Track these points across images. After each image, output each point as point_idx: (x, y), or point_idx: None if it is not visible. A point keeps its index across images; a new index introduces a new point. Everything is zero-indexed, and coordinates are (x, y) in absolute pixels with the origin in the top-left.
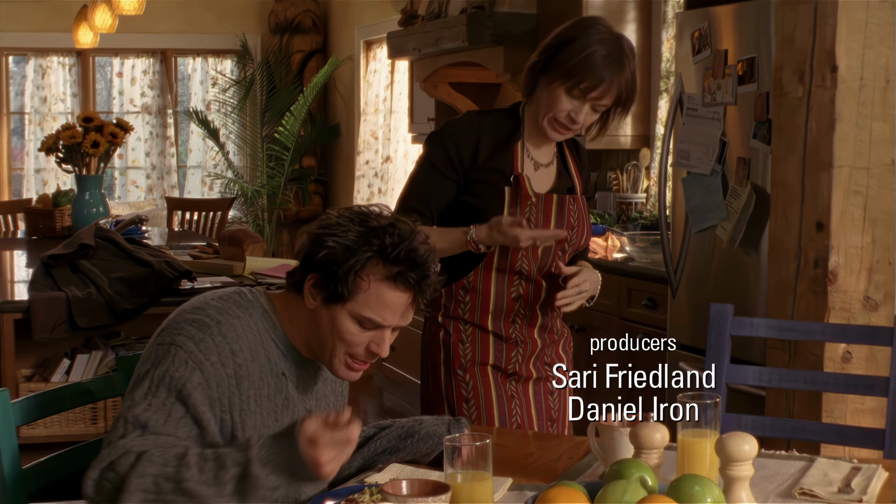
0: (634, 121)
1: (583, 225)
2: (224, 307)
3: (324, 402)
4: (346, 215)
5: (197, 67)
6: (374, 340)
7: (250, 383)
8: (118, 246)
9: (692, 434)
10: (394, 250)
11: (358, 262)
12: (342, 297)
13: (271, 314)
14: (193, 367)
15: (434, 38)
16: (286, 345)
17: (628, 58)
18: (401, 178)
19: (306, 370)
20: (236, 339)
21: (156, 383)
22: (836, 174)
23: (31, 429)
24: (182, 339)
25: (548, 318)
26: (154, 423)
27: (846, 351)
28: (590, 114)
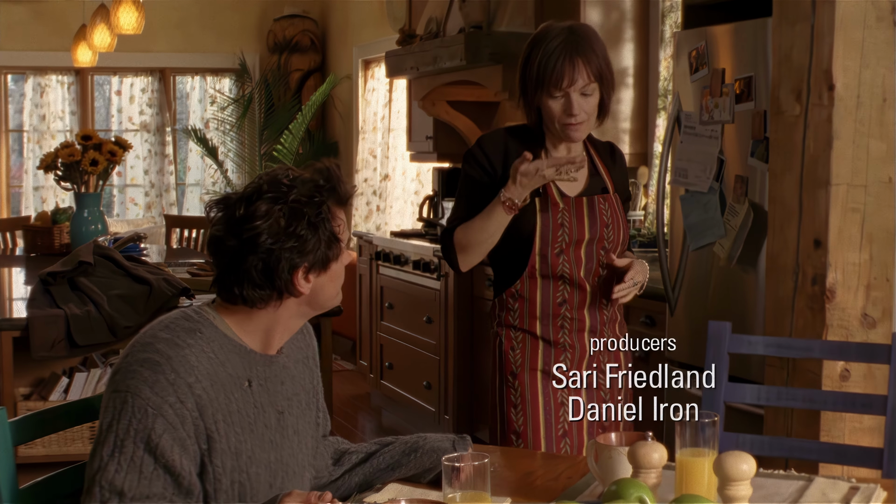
0: (632, 139)
1: (618, 222)
2: (173, 339)
3: (298, 382)
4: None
5: (195, 86)
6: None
7: (215, 408)
8: (117, 263)
9: (690, 453)
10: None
11: (328, 220)
12: (339, 250)
13: (221, 327)
14: (154, 415)
15: (432, 57)
16: (244, 351)
17: (584, 37)
18: (399, 195)
19: (271, 366)
20: (191, 370)
21: (121, 438)
22: (833, 192)
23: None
24: (136, 385)
25: (596, 321)
26: (129, 487)
27: (844, 369)
28: (582, 100)
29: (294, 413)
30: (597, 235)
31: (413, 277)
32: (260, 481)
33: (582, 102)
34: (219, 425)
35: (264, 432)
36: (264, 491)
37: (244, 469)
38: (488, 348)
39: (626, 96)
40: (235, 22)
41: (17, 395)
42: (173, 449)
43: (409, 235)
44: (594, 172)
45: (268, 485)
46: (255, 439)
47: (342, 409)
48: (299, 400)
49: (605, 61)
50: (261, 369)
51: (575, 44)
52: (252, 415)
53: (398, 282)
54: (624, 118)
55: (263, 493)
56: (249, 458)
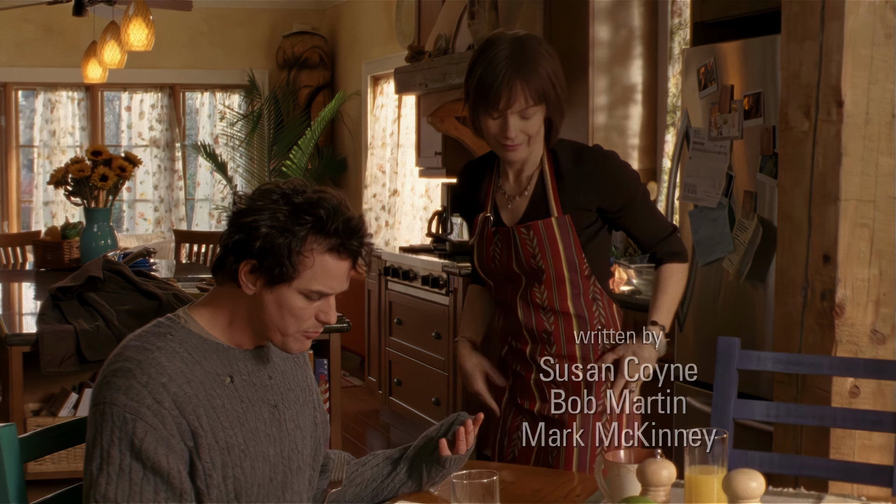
0: (641, 154)
1: (545, 250)
2: (142, 345)
3: (290, 378)
4: (266, 197)
5: (205, 102)
6: (321, 310)
7: (195, 404)
8: (126, 278)
9: (699, 471)
10: (330, 223)
11: (297, 240)
12: (288, 276)
13: (194, 328)
14: (133, 419)
15: (441, 73)
16: (222, 349)
17: (530, 55)
18: (408, 211)
19: (255, 362)
20: (162, 370)
21: (106, 449)
22: (842, 207)
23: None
24: (111, 395)
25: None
26: (122, 497)
27: (854, 385)
28: (520, 122)
29: (291, 408)
30: (527, 268)
31: (422, 293)
32: (257, 475)
33: (520, 124)
34: (202, 421)
35: (259, 426)
36: (264, 485)
37: (237, 463)
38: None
39: (634, 112)
40: (245, 38)
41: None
42: (157, 450)
43: (417, 251)
44: (540, 194)
45: (268, 479)
46: (248, 433)
47: (351, 426)
48: (295, 396)
49: (552, 80)
50: (241, 365)
51: (517, 63)
52: (240, 409)
53: (407, 297)
54: (633, 134)
55: (264, 487)
56: (243, 452)
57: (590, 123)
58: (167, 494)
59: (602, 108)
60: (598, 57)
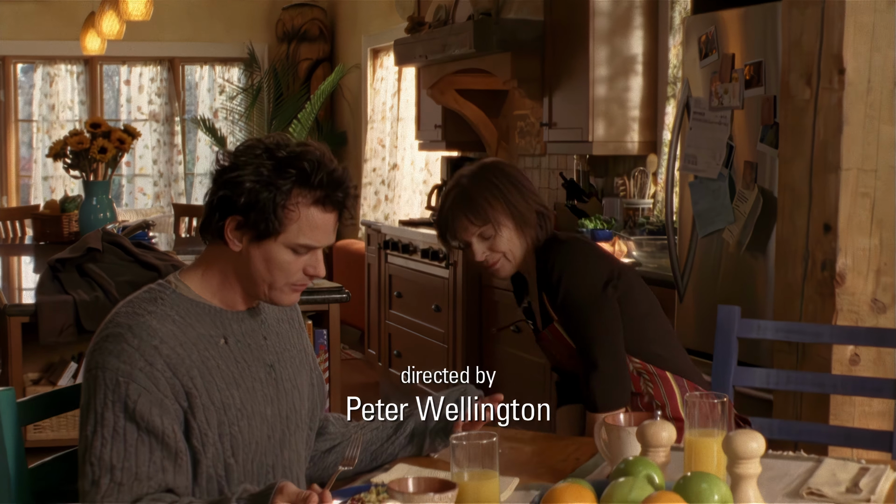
0: (641, 126)
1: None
2: (132, 310)
3: (286, 339)
4: (249, 153)
5: (204, 75)
6: (308, 264)
7: (189, 365)
8: (125, 250)
9: (699, 434)
10: (314, 175)
11: (282, 194)
12: (274, 231)
13: (185, 292)
14: (126, 382)
15: (441, 44)
16: (214, 312)
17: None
18: (408, 185)
19: (248, 323)
20: (154, 333)
21: (99, 413)
22: (843, 176)
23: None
24: (103, 359)
25: None
26: (117, 459)
27: (854, 353)
28: (485, 244)
29: (288, 368)
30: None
31: (421, 266)
32: (255, 433)
33: (485, 247)
34: (195, 381)
35: (255, 386)
36: (262, 443)
37: (234, 422)
38: (496, 336)
39: (635, 84)
40: (244, 11)
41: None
42: (151, 411)
43: (417, 224)
44: (541, 300)
45: (266, 437)
46: (245, 393)
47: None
48: (291, 356)
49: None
50: (235, 326)
51: (458, 203)
52: (236, 370)
53: (406, 270)
54: (633, 106)
55: (262, 445)
56: (240, 411)
57: (590, 95)
58: (162, 454)
59: (602, 79)
60: (599, 27)
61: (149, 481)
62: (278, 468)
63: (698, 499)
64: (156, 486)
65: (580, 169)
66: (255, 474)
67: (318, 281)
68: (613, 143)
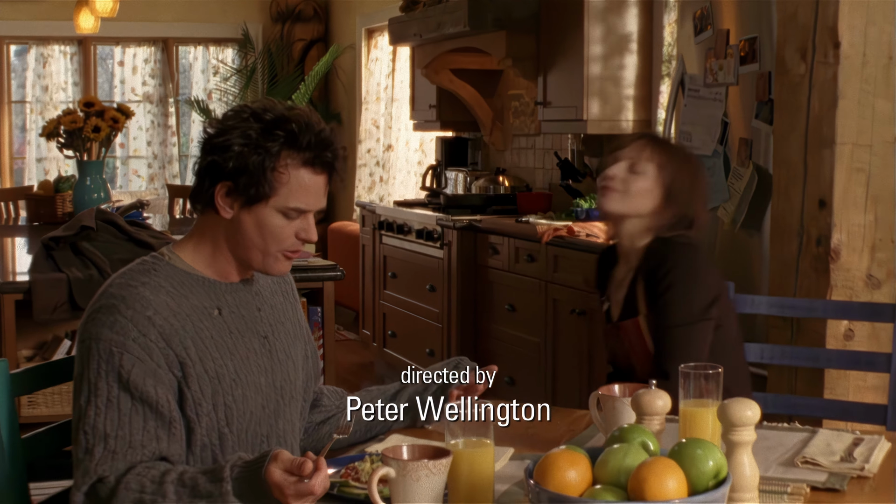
0: (636, 105)
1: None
2: (125, 282)
3: (280, 311)
4: (236, 117)
5: (198, 56)
6: (301, 228)
7: (182, 336)
8: (119, 228)
9: (694, 404)
10: (303, 136)
11: (271, 156)
12: (265, 195)
13: (179, 264)
14: (119, 353)
15: (435, 23)
16: (208, 283)
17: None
18: (402, 166)
19: (242, 294)
20: (147, 304)
21: (93, 382)
22: (838, 151)
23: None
24: (96, 330)
25: None
26: (111, 427)
27: (848, 328)
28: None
29: (282, 339)
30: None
31: (416, 246)
32: (249, 403)
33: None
34: (189, 351)
35: (249, 356)
36: (257, 413)
37: (228, 392)
38: (490, 315)
39: (629, 62)
40: None
41: (20, 358)
42: (146, 381)
43: (412, 205)
44: (633, 288)
45: (260, 407)
46: (239, 363)
47: (345, 378)
48: (285, 329)
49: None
50: (229, 297)
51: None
52: (230, 340)
53: (401, 251)
54: (628, 84)
55: (256, 414)
56: (234, 381)
57: (584, 74)
58: (156, 423)
59: (597, 57)
60: (593, 5)
61: (142, 449)
62: (272, 438)
63: (693, 464)
64: (149, 454)
65: (575, 148)
66: (249, 444)
67: (313, 259)
68: (608, 122)
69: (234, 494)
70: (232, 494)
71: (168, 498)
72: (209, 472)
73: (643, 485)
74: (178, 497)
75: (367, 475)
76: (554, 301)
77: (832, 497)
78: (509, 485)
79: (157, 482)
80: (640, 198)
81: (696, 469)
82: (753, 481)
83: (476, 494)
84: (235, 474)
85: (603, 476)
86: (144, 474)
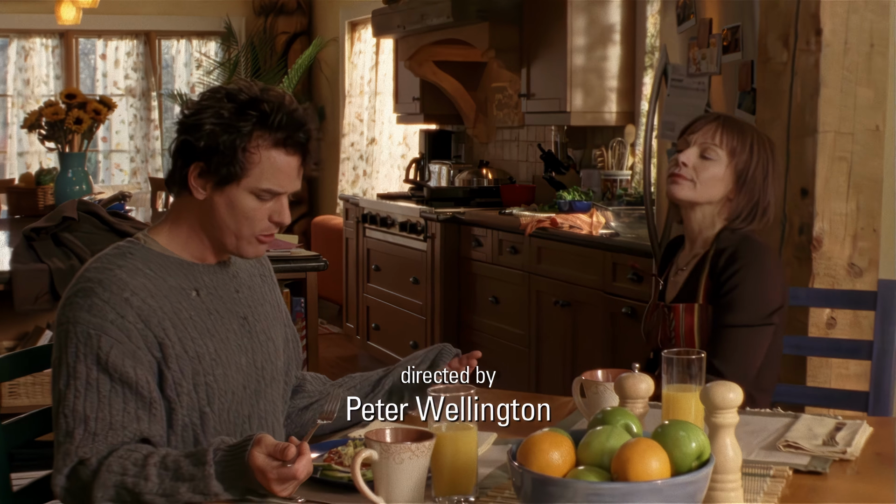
0: (619, 97)
1: (680, 338)
2: (101, 265)
3: (258, 293)
4: (211, 97)
5: (181, 49)
6: (274, 211)
7: (161, 317)
8: (101, 219)
9: (677, 388)
10: (274, 116)
11: (242, 136)
12: (236, 175)
13: (155, 247)
14: (97, 335)
15: (419, 14)
16: (185, 265)
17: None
18: (386, 159)
19: (219, 276)
20: (124, 286)
21: (71, 366)
22: (820, 139)
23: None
24: (74, 314)
25: None
26: (91, 409)
27: (830, 316)
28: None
29: (261, 321)
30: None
31: (399, 239)
32: (230, 383)
33: (696, 160)
34: (168, 332)
35: (229, 336)
36: (238, 392)
37: (209, 371)
38: (474, 307)
39: (613, 53)
40: None
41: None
42: (124, 362)
43: (395, 197)
44: (696, 274)
45: (241, 386)
46: (219, 343)
47: (329, 371)
48: (265, 311)
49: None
50: (207, 279)
51: (726, 118)
52: (209, 321)
53: (385, 244)
54: (611, 76)
55: (237, 394)
56: (214, 361)
57: (568, 65)
58: (136, 404)
59: (580, 49)
60: None
61: (123, 430)
62: (254, 418)
63: (676, 445)
64: (130, 435)
65: (558, 140)
66: (230, 423)
67: (296, 250)
68: (591, 114)
69: (217, 478)
70: (215, 478)
71: (150, 480)
72: (192, 455)
73: (626, 465)
74: (160, 480)
75: (350, 459)
76: (537, 293)
77: (814, 480)
78: (493, 468)
79: (139, 465)
80: (712, 185)
81: (680, 450)
82: (736, 463)
83: (459, 477)
84: (218, 458)
85: (586, 457)
86: (127, 457)
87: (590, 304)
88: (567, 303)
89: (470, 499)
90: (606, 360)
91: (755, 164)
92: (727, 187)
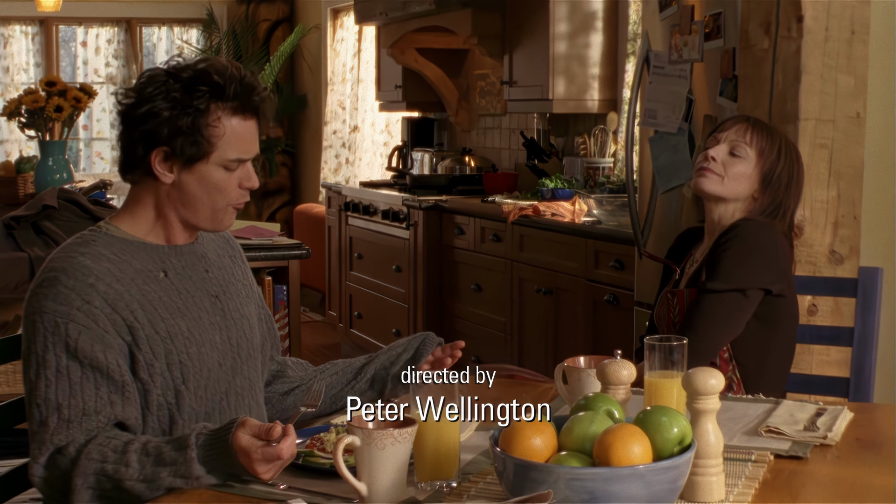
0: (601, 84)
1: (670, 322)
2: (65, 255)
3: (229, 273)
4: (153, 83)
5: (162, 37)
6: (242, 178)
7: (128, 300)
8: (82, 207)
9: (659, 375)
10: (228, 86)
11: (201, 112)
12: (205, 152)
13: (117, 234)
14: (64, 323)
15: (401, 1)
16: (150, 248)
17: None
18: (369, 147)
19: (188, 257)
20: (88, 272)
21: (41, 355)
22: (801, 127)
23: None
24: (40, 304)
25: None
26: (63, 397)
27: (811, 303)
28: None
29: (234, 299)
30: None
31: (382, 227)
32: (205, 360)
33: (725, 156)
34: (137, 314)
35: (202, 315)
36: (214, 370)
37: (183, 350)
38: (456, 295)
39: (595, 41)
40: None
41: None
42: (94, 347)
43: (378, 185)
44: (708, 263)
45: (217, 364)
46: (192, 322)
47: (311, 359)
48: (236, 289)
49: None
50: (174, 260)
51: (757, 119)
52: (179, 301)
53: (367, 232)
54: (593, 63)
55: (214, 371)
56: (188, 339)
57: (550, 52)
58: (109, 388)
59: (562, 36)
60: None
61: (97, 416)
62: (231, 395)
63: (658, 431)
64: (105, 419)
65: (540, 128)
66: (207, 401)
67: (278, 238)
68: (574, 102)
69: (199, 461)
70: (197, 461)
71: (131, 466)
72: (174, 440)
73: (608, 450)
74: (141, 466)
75: (332, 445)
76: (520, 280)
77: (795, 465)
78: (475, 454)
79: (119, 451)
80: (738, 182)
81: (661, 435)
82: (718, 448)
83: (442, 463)
84: (201, 441)
85: (568, 443)
86: (106, 444)
87: (572, 292)
88: (549, 290)
89: (452, 484)
90: (588, 347)
91: (781, 166)
92: (753, 186)
